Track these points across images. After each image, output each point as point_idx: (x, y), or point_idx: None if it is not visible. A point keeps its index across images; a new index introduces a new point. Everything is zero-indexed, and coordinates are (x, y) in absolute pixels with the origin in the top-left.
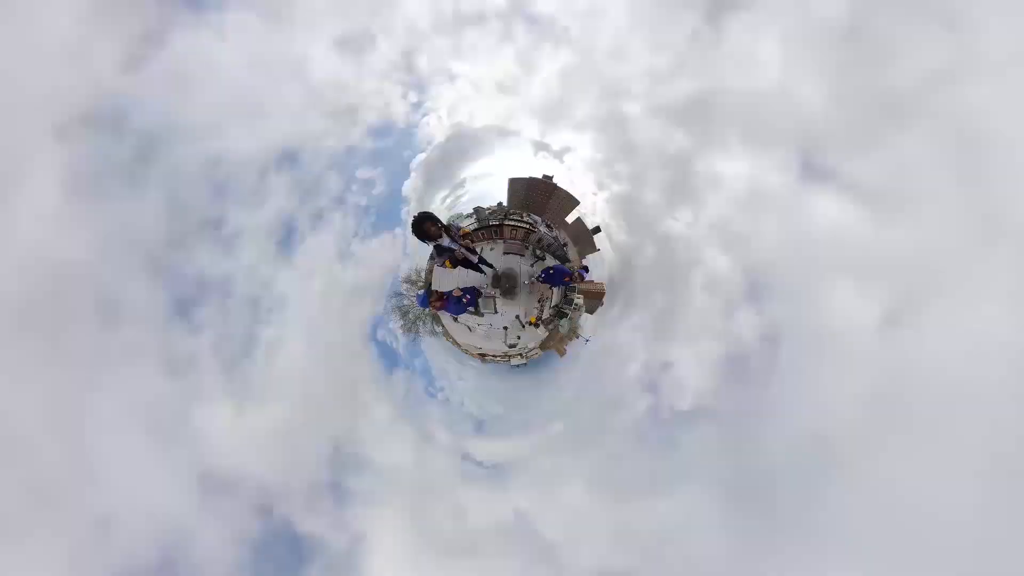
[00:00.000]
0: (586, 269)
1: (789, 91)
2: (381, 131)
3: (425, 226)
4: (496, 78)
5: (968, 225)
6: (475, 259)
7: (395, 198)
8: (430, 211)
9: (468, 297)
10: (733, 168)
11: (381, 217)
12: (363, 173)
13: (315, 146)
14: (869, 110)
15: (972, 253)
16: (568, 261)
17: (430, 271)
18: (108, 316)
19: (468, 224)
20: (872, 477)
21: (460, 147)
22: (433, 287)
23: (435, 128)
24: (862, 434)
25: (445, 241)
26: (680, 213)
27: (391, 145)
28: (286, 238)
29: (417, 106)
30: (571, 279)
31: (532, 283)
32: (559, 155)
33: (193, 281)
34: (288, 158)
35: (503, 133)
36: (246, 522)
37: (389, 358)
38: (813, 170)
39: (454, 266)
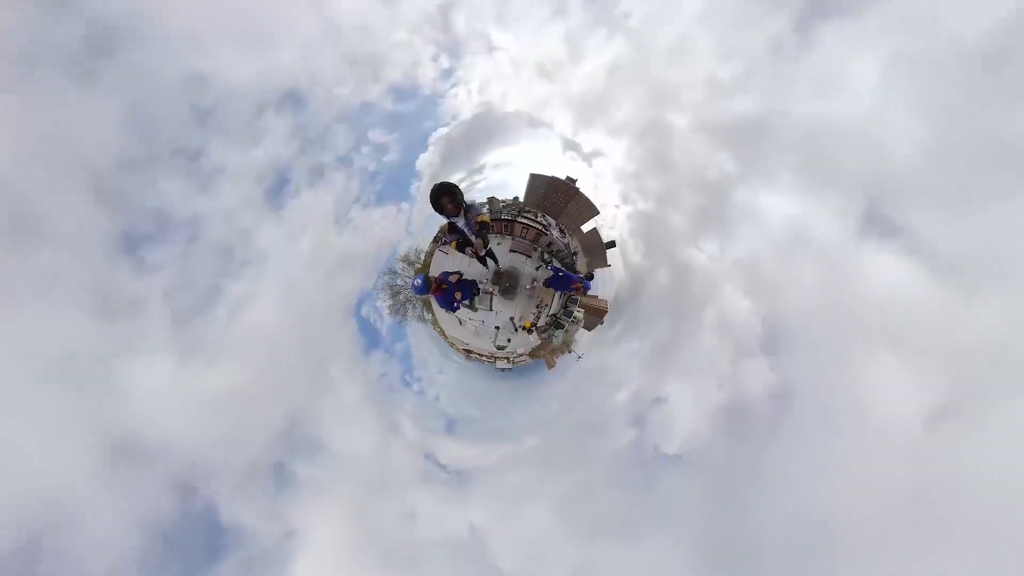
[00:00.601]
0: (591, 277)
1: (875, 125)
2: (403, 93)
3: (442, 200)
4: (538, 58)
5: None
6: (483, 251)
7: (407, 170)
8: (455, 184)
9: (462, 294)
10: (779, 205)
11: (389, 187)
12: (376, 136)
13: (326, 93)
14: (975, 163)
15: None
16: (576, 271)
17: (431, 254)
18: (22, 236)
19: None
20: None
21: (485, 129)
22: (431, 271)
23: (462, 102)
24: (878, 532)
25: (460, 221)
26: (705, 243)
27: (412, 111)
28: (277, 188)
29: (447, 73)
30: (577, 288)
31: (534, 286)
32: (588, 158)
33: (152, 215)
34: (293, 99)
35: (533, 123)
36: (158, 503)
37: (370, 337)
38: (879, 223)
39: (459, 251)
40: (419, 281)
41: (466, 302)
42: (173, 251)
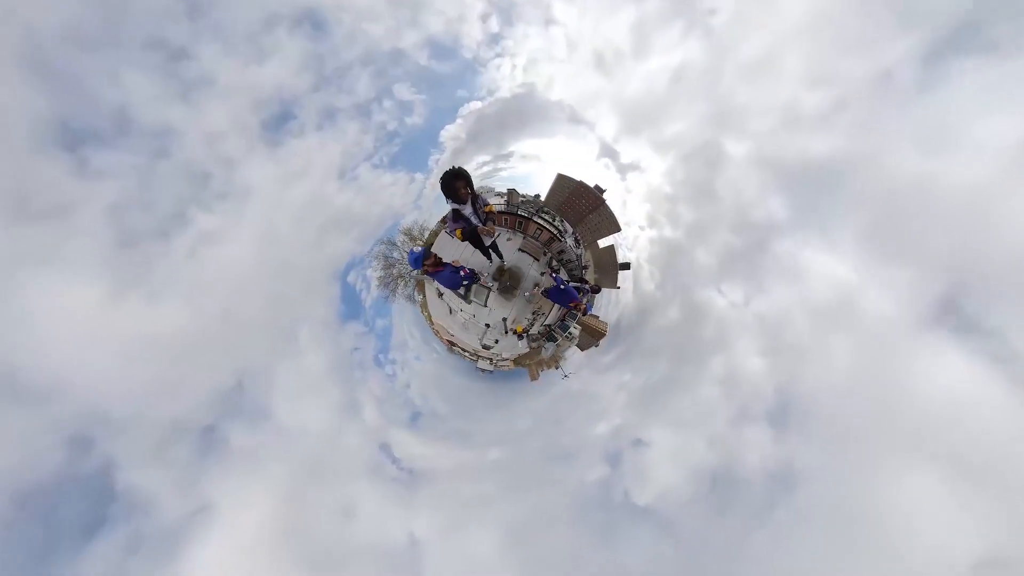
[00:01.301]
0: (598, 291)
1: (989, 197)
2: (441, 50)
3: (456, 184)
4: (598, 45)
5: None
6: (488, 242)
7: (429, 139)
8: (467, 170)
9: (467, 271)
10: (830, 266)
11: (406, 152)
12: (402, 91)
13: (354, 26)
14: None
15: None
16: (583, 286)
17: (435, 233)
18: None
19: (496, 204)
20: None
21: (522, 113)
22: (433, 250)
23: (503, 77)
24: None
25: (467, 209)
26: (729, 289)
27: (447, 74)
28: (278, 120)
29: (494, 39)
30: (576, 306)
31: (535, 291)
32: (623, 170)
33: (109, 112)
34: (313, 22)
35: (575, 118)
36: (36, 454)
37: (351, 306)
38: (956, 314)
39: (463, 239)
40: (419, 251)
41: (461, 290)
42: (131, 161)
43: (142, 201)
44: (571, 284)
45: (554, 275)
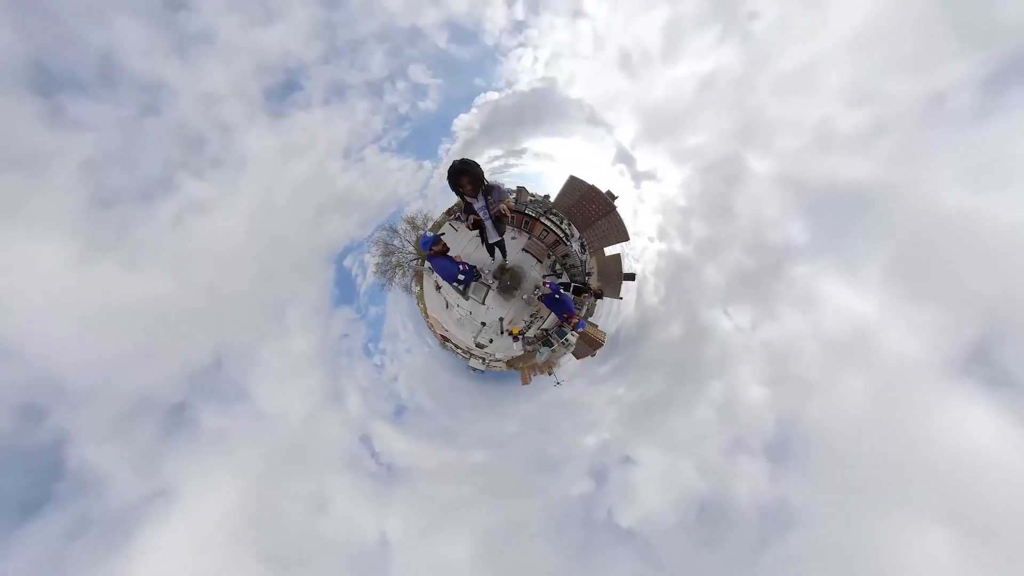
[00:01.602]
0: (600, 296)
1: None
2: (462, 34)
3: (461, 180)
4: (627, 43)
5: None
6: (492, 238)
7: (441, 126)
8: (478, 164)
9: (466, 267)
10: (848, 299)
11: (416, 138)
12: (417, 73)
13: None
14: None
15: None
16: (586, 289)
17: (440, 224)
18: None
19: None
20: None
21: (540, 108)
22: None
23: (524, 69)
24: None
25: (478, 203)
26: (737, 312)
27: (465, 60)
28: (283, 89)
29: (518, 28)
30: (569, 319)
31: (534, 294)
32: (638, 178)
33: (95, 58)
34: None
35: (593, 119)
36: None
37: (344, 291)
38: (988, 364)
39: (471, 228)
40: (431, 235)
41: (458, 282)
42: (114, 114)
43: (125, 159)
44: (574, 285)
45: (550, 284)
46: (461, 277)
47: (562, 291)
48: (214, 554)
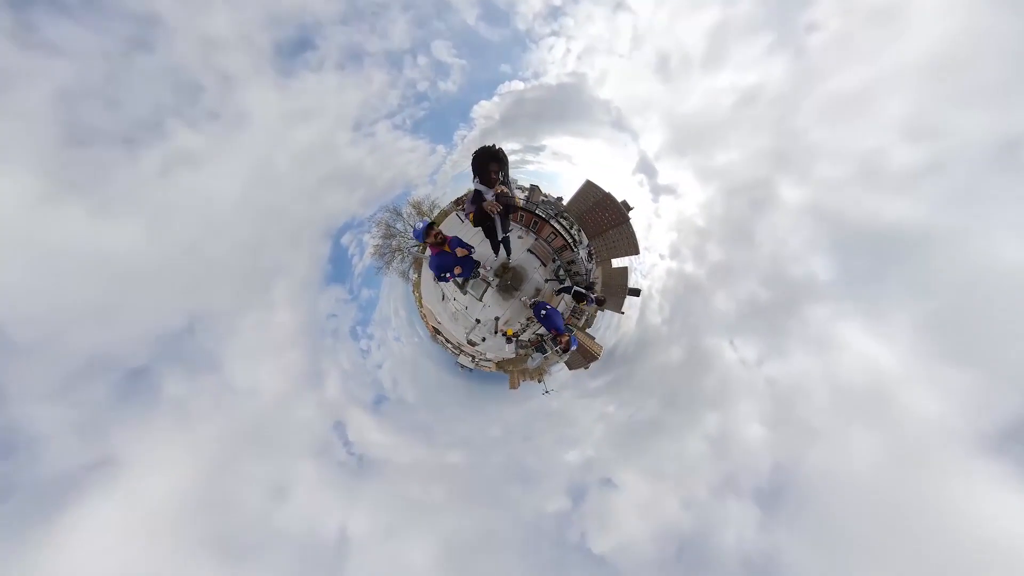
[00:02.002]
0: (602, 302)
1: None
2: (493, 13)
3: (491, 166)
4: (667, 45)
5: None
6: (500, 233)
7: (460, 111)
8: (505, 154)
9: (462, 270)
10: (869, 348)
11: (432, 120)
12: (441, 50)
13: None
14: None
15: None
16: (587, 296)
17: (445, 214)
18: None
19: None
20: None
21: (565, 105)
22: (442, 226)
23: (555, 60)
24: None
25: (490, 193)
26: (744, 344)
27: (494, 42)
28: (294, 47)
29: (553, 14)
30: (557, 337)
31: (537, 293)
32: (657, 191)
33: None
34: None
35: (620, 124)
36: None
37: (338, 268)
38: (1015, 434)
39: (475, 224)
40: (421, 225)
41: (459, 279)
42: (98, 43)
43: (107, 95)
44: (575, 290)
45: (535, 304)
46: (459, 269)
47: (549, 307)
48: (152, 533)
